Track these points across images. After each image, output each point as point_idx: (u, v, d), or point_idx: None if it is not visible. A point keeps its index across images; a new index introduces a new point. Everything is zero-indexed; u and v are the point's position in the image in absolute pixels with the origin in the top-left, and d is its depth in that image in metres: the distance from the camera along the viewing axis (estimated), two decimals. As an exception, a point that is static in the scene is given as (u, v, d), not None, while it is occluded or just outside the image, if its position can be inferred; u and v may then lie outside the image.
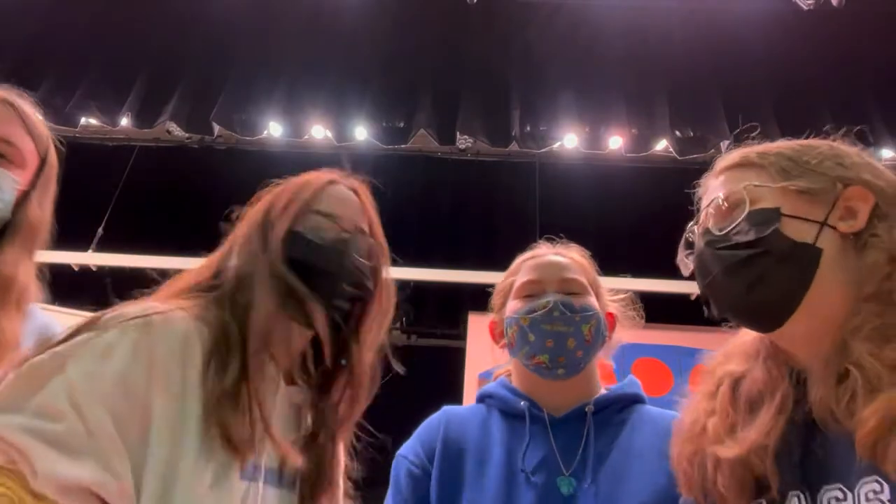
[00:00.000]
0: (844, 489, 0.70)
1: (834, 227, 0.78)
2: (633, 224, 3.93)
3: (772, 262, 0.78)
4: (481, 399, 1.21)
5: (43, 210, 1.05)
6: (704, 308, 0.89)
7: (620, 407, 1.13)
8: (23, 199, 1.01)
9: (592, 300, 1.15)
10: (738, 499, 0.77)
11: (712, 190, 0.89)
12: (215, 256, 0.95)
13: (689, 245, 0.92)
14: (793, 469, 0.75)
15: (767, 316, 0.80)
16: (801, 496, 0.74)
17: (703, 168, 0.94)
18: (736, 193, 0.83)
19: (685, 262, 0.93)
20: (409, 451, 1.14)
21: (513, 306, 1.16)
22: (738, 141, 0.94)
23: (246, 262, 0.89)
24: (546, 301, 1.11)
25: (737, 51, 3.50)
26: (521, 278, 1.18)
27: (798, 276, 0.77)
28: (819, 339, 0.77)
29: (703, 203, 0.90)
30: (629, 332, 1.24)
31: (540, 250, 1.23)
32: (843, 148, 0.84)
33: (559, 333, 1.08)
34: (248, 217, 0.97)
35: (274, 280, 0.86)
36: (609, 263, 1.31)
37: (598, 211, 3.98)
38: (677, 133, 3.67)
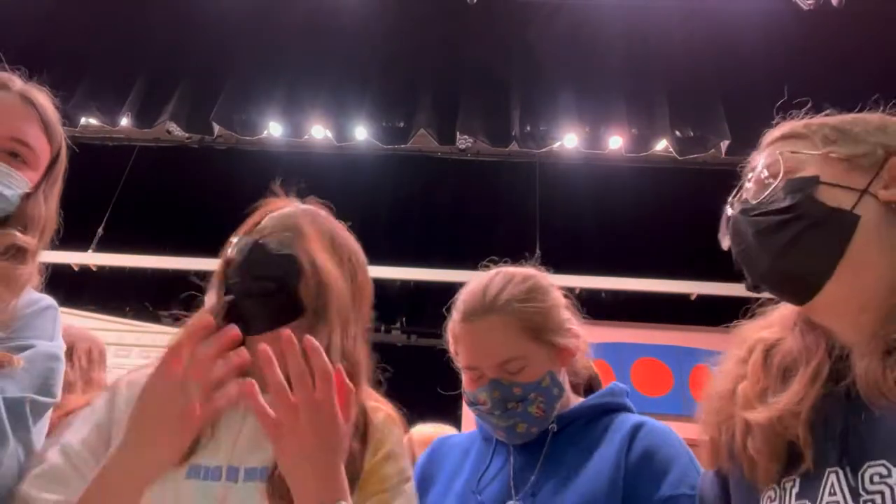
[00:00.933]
0: (889, 466, 0.67)
1: (876, 196, 0.76)
2: (633, 224, 3.93)
3: (803, 228, 0.76)
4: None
5: (49, 206, 1.05)
6: (748, 280, 0.85)
7: (587, 420, 1.10)
8: (29, 195, 1.01)
9: (536, 366, 1.05)
10: (769, 462, 0.75)
11: (756, 163, 0.88)
12: None
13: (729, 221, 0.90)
14: (832, 444, 0.72)
15: (800, 283, 0.78)
16: (840, 473, 0.70)
17: (703, 168, 0.93)
18: (775, 164, 0.82)
19: (725, 239, 0.90)
20: None
21: (463, 378, 1.13)
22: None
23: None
24: (484, 397, 1.05)
25: (737, 51, 3.50)
26: (461, 358, 1.11)
27: (831, 242, 0.75)
28: (860, 312, 0.74)
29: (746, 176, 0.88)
30: (629, 332, 1.23)
31: (466, 312, 1.10)
32: (892, 118, 0.83)
33: (506, 427, 1.07)
34: None
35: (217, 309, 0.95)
36: (609, 263, 1.30)
37: (598, 211, 3.99)
38: (677, 133, 3.66)
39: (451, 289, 1.15)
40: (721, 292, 3.77)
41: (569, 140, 3.73)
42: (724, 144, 3.55)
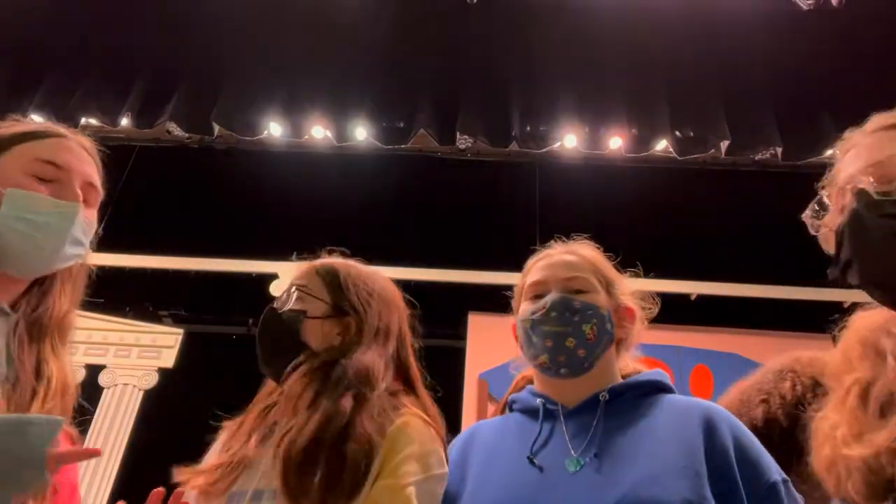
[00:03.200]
0: None
1: None
2: (633, 224, 3.93)
3: None
4: (510, 406, 1.24)
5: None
6: (837, 271, 0.82)
7: (639, 394, 1.11)
8: None
9: (598, 297, 1.14)
10: (867, 501, 0.73)
11: (867, 149, 0.83)
12: None
13: (822, 205, 0.87)
14: None
15: None
16: None
17: (703, 168, 0.93)
18: None
19: (814, 223, 0.88)
20: None
21: (521, 309, 1.19)
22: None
23: None
24: (545, 302, 1.12)
25: (737, 50, 3.50)
26: (529, 279, 1.20)
27: None
28: None
29: (853, 160, 0.84)
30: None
31: (551, 250, 1.24)
32: None
33: (557, 333, 1.09)
34: None
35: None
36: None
37: (598, 211, 3.98)
38: (677, 133, 3.66)
39: (451, 289, 1.19)
40: (722, 292, 3.77)
41: (569, 140, 3.73)
42: (724, 144, 3.54)
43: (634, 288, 1.24)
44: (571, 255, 1.20)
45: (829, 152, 3.56)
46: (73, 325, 1.01)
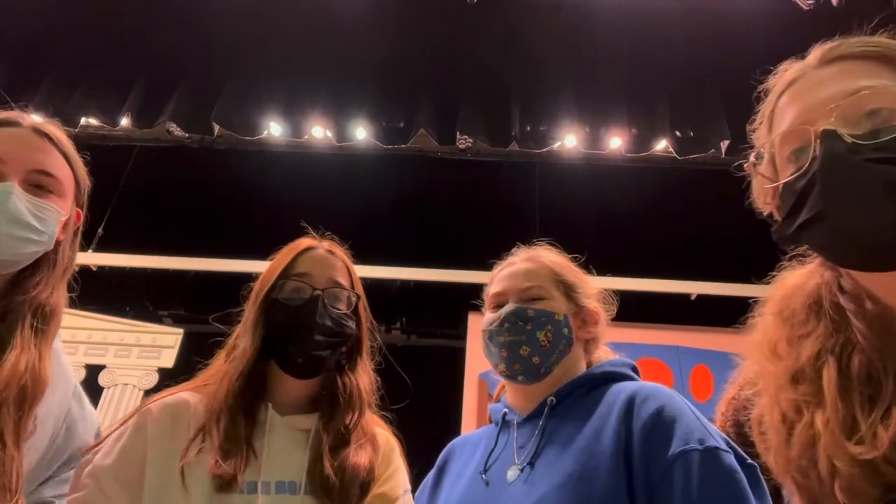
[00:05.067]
0: None
1: None
2: (633, 224, 3.93)
3: None
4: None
5: (76, 236, 1.06)
6: (790, 230, 0.71)
7: (587, 389, 1.09)
8: (62, 227, 1.01)
9: (554, 304, 1.15)
10: None
11: (820, 84, 0.72)
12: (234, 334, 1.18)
13: (758, 155, 0.76)
14: None
15: None
16: None
17: (703, 168, 0.93)
18: (883, 95, 0.67)
19: (756, 170, 0.77)
20: None
21: (484, 318, 1.22)
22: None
23: (244, 336, 1.12)
24: (500, 313, 1.15)
25: (737, 50, 3.50)
26: (491, 290, 1.23)
27: None
28: None
29: (800, 98, 0.74)
30: (629, 332, 1.25)
31: (512, 258, 1.26)
32: None
33: (511, 342, 1.11)
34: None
35: (256, 345, 1.09)
36: (609, 263, 1.31)
37: (598, 211, 3.99)
38: (677, 133, 3.66)
39: (451, 289, 1.21)
40: (721, 292, 3.78)
41: (569, 140, 3.73)
42: (724, 144, 3.54)
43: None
44: (531, 262, 1.21)
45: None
46: (56, 315, 0.98)
